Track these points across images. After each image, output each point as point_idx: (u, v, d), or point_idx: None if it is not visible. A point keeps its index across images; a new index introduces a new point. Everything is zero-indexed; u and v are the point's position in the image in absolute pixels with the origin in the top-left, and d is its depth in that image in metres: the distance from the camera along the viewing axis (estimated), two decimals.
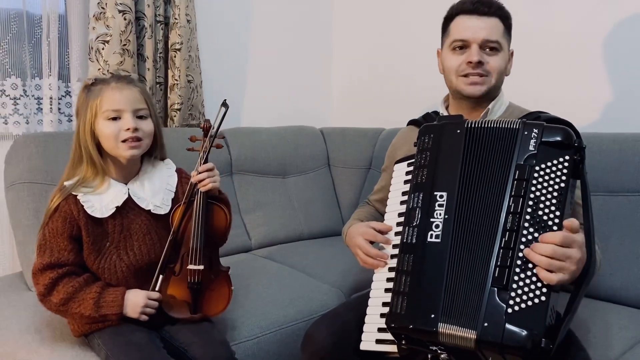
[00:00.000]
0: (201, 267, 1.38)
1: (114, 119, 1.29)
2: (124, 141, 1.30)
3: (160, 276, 1.37)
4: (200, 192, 1.39)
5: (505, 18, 1.39)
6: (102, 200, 1.31)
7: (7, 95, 1.94)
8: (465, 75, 1.39)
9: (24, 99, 1.96)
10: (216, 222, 1.44)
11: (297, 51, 2.86)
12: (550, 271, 1.00)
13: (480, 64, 1.36)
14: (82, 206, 1.29)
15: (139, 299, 1.31)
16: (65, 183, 1.31)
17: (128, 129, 1.29)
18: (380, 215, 1.59)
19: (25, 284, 1.72)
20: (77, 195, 1.29)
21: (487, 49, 1.37)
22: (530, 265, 1.01)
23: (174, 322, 1.39)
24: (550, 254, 0.99)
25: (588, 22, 1.97)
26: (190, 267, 1.38)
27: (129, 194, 1.36)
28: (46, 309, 1.29)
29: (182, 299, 1.39)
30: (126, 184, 1.37)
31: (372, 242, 1.32)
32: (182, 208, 1.40)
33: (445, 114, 1.48)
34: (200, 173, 1.39)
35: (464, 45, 1.38)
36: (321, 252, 2.20)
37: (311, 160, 2.56)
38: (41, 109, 2.03)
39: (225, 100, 1.42)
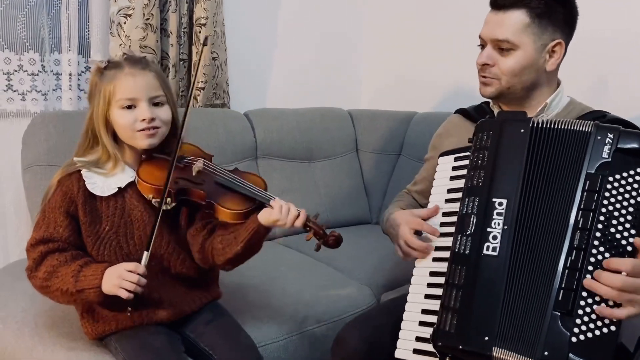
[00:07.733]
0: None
1: (129, 107, 1.22)
2: (140, 130, 1.22)
3: (145, 253, 1.20)
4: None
5: (534, 7, 1.21)
6: (106, 180, 1.25)
7: (24, 71, 1.88)
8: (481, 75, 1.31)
9: (42, 74, 1.90)
10: None
11: (326, 29, 2.73)
12: (618, 305, 0.90)
13: (485, 66, 1.27)
14: (84, 182, 1.22)
15: (114, 269, 1.16)
16: (75, 158, 1.25)
17: (144, 120, 1.21)
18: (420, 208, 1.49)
19: None
20: (80, 171, 1.23)
21: (498, 49, 1.25)
22: None
23: (192, 319, 1.32)
24: (620, 286, 0.90)
25: None
26: None
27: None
28: (33, 286, 1.21)
29: None
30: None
31: (416, 233, 1.22)
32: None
33: (494, 107, 1.38)
34: None
35: (482, 44, 1.30)
36: (348, 242, 2.09)
37: (338, 145, 2.46)
38: (60, 85, 1.96)
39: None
